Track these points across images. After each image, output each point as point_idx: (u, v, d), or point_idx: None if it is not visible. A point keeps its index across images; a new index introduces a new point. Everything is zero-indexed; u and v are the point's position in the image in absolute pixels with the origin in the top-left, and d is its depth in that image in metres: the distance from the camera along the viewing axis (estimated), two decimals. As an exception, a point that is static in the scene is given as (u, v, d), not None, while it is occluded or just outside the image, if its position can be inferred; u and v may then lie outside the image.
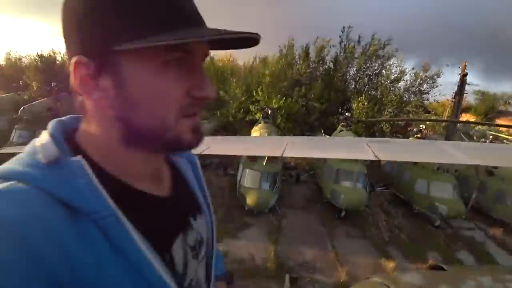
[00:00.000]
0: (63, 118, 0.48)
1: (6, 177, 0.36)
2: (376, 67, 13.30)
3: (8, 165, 0.38)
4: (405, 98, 12.49)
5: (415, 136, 10.48)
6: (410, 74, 12.54)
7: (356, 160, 6.96)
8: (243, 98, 12.31)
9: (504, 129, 15.63)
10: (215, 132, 11.83)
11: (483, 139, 11.92)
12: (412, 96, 12.57)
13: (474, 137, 12.84)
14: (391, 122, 11.98)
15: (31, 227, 0.32)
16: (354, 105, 12.03)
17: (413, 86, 12.56)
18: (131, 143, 0.43)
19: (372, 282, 1.37)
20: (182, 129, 0.42)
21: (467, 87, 11.48)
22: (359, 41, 13.27)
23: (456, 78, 11.29)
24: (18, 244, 0.31)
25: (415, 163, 7.67)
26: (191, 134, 0.44)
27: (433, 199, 6.92)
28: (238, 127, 12.53)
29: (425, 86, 12.44)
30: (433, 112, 15.55)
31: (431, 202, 6.93)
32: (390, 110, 12.37)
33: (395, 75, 12.55)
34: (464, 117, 26.23)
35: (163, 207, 0.49)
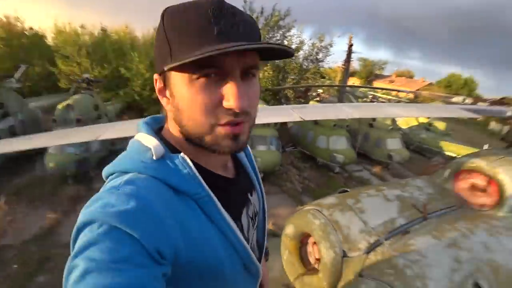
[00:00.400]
0: (146, 119, 0.59)
1: (126, 171, 0.48)
2: (278, 37, 14.07)
3: (123, 162, 0.50)
4: (304, 66, 13.76)
5: (314, 99, 11.87)
6: (308, 44, 13.79)
7: (268, 126, 7.57)
8: (147, 74, 11.04)
9: (379, 90, 19.08)
10: (121, 114, 10.73)
11: (365, 99, 14.40)
12: (310, 64, 13.93)
13: (359, 99, 15.33)
14: (294, 89, 13.19)
15: (155, 201, 0.43)
16: (260, 75, 12.63)
17: (311, 55, 13.85)
18: (190, 140, 0.52)
19: (304, 210, 1.77)
20: (219, 135, 0.49)
21: (353, 55, 13.40)
22: (261, 12, 13.67)
23: (345, 47, 13.02)
24: (149, 212, 0.42)
25: (316, 123, 8.83)
26: (229, 140, 0.49)
27: (332, 151, 8.21)
28: (146, 106, 11.55)
29: (320, 54, 13.85)
30: (327, 78, 17.67)
31: (330, 153, 8.21)
32: (292, 77, 13.51)
33: (296, 45, 13.58)
34: (351, 80, 30.78)
35: (233, 187, 0.61)
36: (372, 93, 16.68)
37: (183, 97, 0.48)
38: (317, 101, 11.30)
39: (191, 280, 0.49)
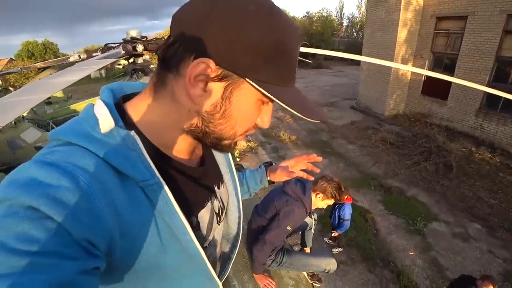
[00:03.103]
0: (113, 84, 0.52)
1: (69, 141, 0.40)
2: None
3: (69, 129, 0.41)
4: None
5: None
6: None
7: None
8: None
9: None
10: None
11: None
12: None
13: None
14: None
15: (92, 183, 0.36)
16: None
17: None
18: (191, 132, 0.48)
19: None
20: (235, 141, 0.52)
21: None
22: None
23: None
24: (82, 196, 0.35)
25: None
26: (234, 144, 0.52)
27: None
28: None
29: None
30: None
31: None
32: None
33: None
34: None
35: (195, 177, 0.55)
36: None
37: (241, 109, 0.46)
38: None
39: (129, 276, 0.44)
